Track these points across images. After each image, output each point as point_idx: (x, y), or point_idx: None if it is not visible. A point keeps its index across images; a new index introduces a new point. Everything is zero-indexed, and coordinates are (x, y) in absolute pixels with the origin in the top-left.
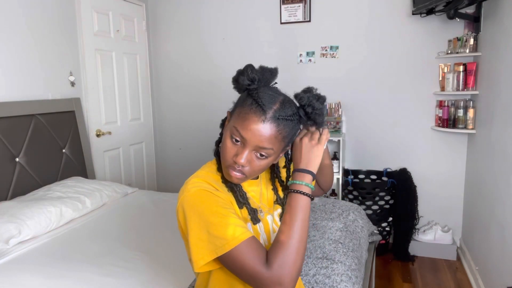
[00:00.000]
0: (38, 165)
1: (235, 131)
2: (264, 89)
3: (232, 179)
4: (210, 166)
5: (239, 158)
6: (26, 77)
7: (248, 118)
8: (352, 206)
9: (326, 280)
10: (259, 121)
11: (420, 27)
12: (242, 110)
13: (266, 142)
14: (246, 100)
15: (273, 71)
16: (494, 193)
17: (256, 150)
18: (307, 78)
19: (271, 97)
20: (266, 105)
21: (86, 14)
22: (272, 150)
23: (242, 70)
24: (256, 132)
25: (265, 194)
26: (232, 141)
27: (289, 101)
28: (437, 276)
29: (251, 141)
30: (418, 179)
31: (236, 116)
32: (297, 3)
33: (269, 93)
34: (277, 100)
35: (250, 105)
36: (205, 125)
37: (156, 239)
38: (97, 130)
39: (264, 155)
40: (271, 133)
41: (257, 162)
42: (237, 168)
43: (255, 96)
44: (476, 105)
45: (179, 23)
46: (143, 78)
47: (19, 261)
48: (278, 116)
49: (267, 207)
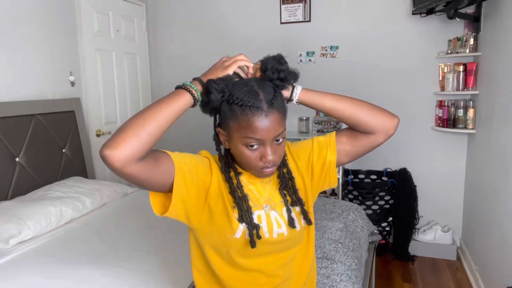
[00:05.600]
0: (38, 165)
1: (248, 140)
2: (235, 89)
3: (265, 176)
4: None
5: (267, 157)
6: (26, 77)
7: (252, 122)
8: (352, 206)
9: (326, 280)
10: (262, 117)
11: (420, 27)
12: (240, 121)
13: (278, 128)
14: (234, 110)
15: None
16: (494, 193)
17: (274, 139)
18: (307, 78)
19: (249, 92)
20: (255, 102)
21: (86, 14)
22: (284, 129)
23: (207, 90)
24: (266, 127)
25: (273, 189)
26: (250, 149)
27: (263, 82)
28: (437, 276)
29: (267, 137)
30: (418, 179)
31: (237, 129)
32: (297, 3)
33: (244, 89)
34: (257, 90)
35: (243, 112)
36: (205, 125)
37: (156, 239)
38: (97, 130)
39: (280, 138)
40: (277, 118)
41: (279, 148)
42: (269, 166)
43: (238, 102)
44: (476, 105)
45: (179, 23)
46: (143, 78)
47: (19, 261)
48: (271, 101)
49: (274, 202)
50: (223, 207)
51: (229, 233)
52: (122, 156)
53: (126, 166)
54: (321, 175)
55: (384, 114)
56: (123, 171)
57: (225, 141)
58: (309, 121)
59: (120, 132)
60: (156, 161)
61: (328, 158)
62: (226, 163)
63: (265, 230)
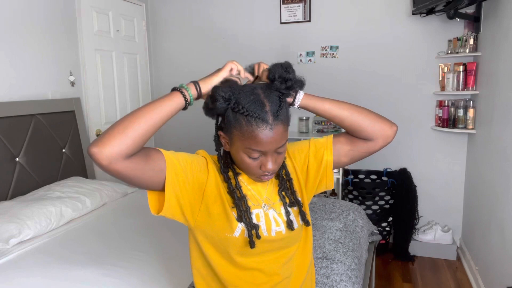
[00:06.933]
0: (38, 165)
1: (251, 151)
2: (241, 97)
3: (263, 181)
4: None
5: (267, 167)
6: (26, 77)
7: (256, 134)
8: (352, 206)
9: (326, 280)
10: (267, 130)
11: (420, 27)
12: (245, 131)
13: (281, 140)
14: (239, 120)
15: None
16: (494, 193)
17: (276, 151)
18: (307, 78)
19: (256, 102)
20: (261, 113)
21: (86, 14)
22: (286, 141)
23: (212, 96)
24: (270, 140)
25: (272, 189)
26: (251, 158)
27: (269, 90)
28: (437, 276)
29: (270, 148)
30: (418, 179)
31: (240, 138)
32: (297, 3)
33: (251, 98)
34: (263, 100)
35: (248, 123)
36: (205, 125)
37: (156, 239)
38: (97, 130)
39: (282, 149)
40: (281, 130)
41: (279, 157)
42: (268, 174)
43: (244, 112)
44: (476, 105)
45: (179, 23)
46: (143, 78)
47: (19, 261)
48: (277, 114)
49: (272, 201)
50: (222, 206)
51: (228, 232)
52: (108, 153)
53: (113, 163)
54: (316, 177)
55: (383, 122)
56: (110, 168)
57: (226, 144)
58: (309, 121)
59: (108, 131)
60: (147, 159)
61: (325, 158)
62: (225, 164)
63: (263, 229)
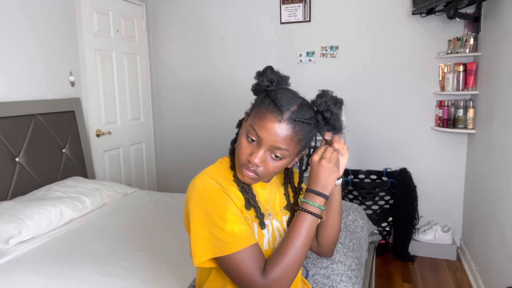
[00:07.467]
0: (38, 165)
1: (251, 130)
2: (282, 90)
3: (244, 179)
4: (222, 162)
5: (253, 157)
6: (26, 77)
7: (265, 117)
8: (352, 206)
9: (326, 280)
10: (276, 120)
11: (420, 27)
12: (260, 110)
13: (282, 143)
14: (264, 100)
15: (286, 78)
16: (494, 193)
17: (271, 151)
18: (307, 78)
19: (289, 99)
20: (284, 106)
21: (86, 14)
22: (287, 152)
23: (262, 71)
24: (272, 131)
25: (275, 198)
26: (248, 140)
27: (307, 105)
28: (437, 276)
29: (267, 140)
30: (418, 179)
31: (253, 116)
32: (297, 3)
33: (288, 95)
34: (295, 103)
35: (268, 105)
36: (205, 124)
37: (156, 239)
38: (97, 130)
39: (279, 156)
40: (287, 134)
41: (271, 163)
42: (251, 168)
43: (273, 97)
44: (476, 105)
45: (179, 23)
46: (143, 78)
47: (19, 261)
48: (295, 118)
49: (274, 210)
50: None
51: None
52: None
53: None
54: None
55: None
56: None
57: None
58: None
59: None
60: None
61: None
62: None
63: (270, 241)
